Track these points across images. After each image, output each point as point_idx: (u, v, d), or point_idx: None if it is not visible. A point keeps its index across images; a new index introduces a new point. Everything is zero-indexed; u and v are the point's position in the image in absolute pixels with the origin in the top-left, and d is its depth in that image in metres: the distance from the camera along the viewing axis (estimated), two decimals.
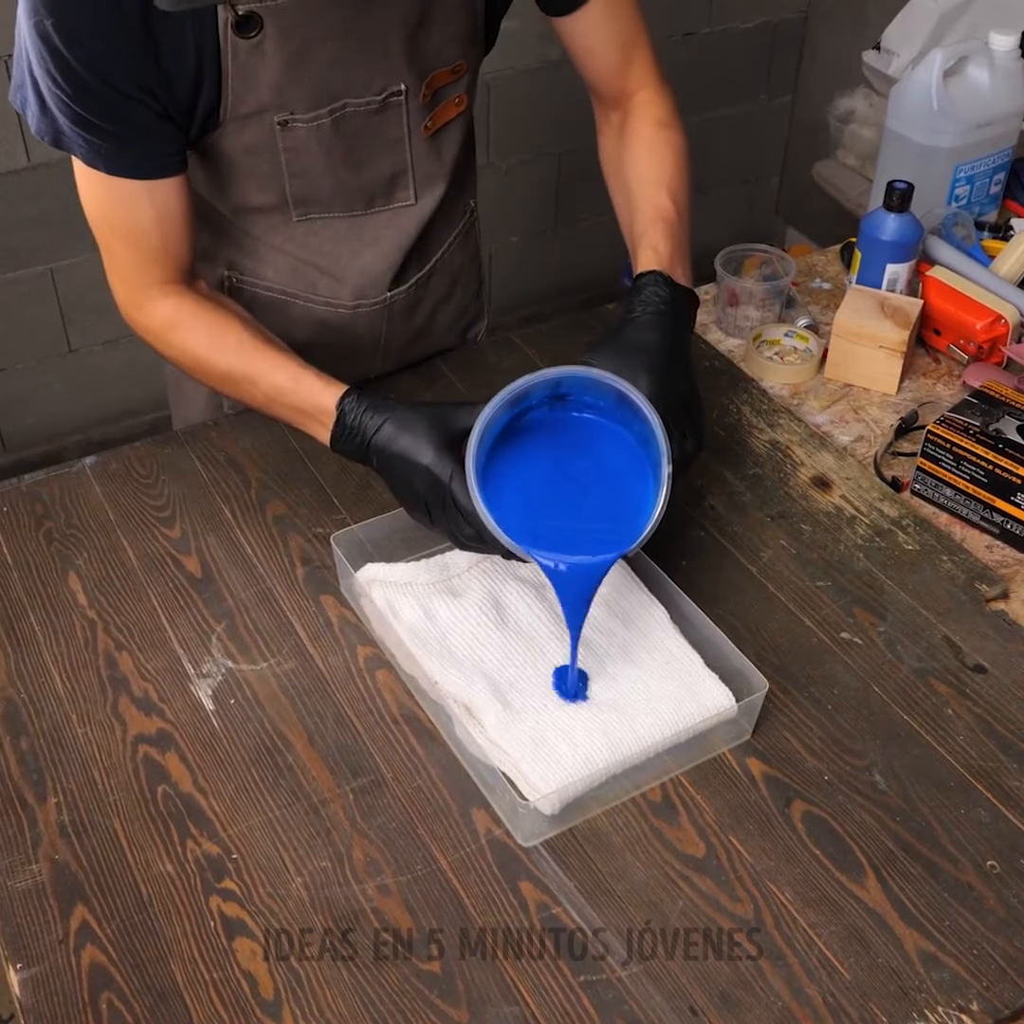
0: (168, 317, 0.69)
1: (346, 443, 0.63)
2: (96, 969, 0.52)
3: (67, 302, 1.52)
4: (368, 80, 0.67)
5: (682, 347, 0.64)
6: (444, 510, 0.59)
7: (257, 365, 0.66)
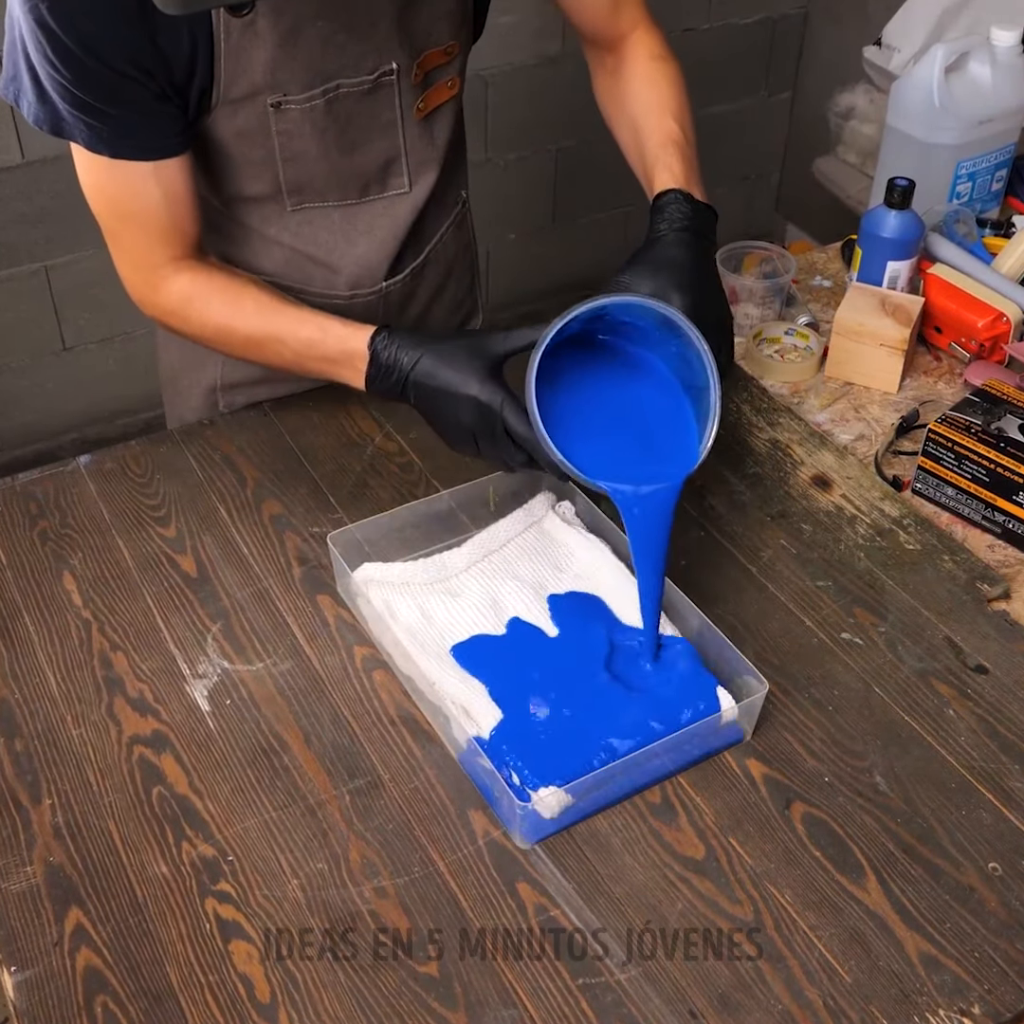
0: (184, 292, 0.68)
1: (382, 383, 0.62)
2: (91, 972, 0.52)
3: (61, 300, 1.52)
4: (360, 59, 0.67)
5: (710, 262, 0.65)
6: (494, 438, 0.59)
7: (280, 323, 0.66)
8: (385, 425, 0.81)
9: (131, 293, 0.71)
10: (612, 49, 0.76)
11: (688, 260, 0.62)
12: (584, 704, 0.60)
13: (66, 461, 0.79)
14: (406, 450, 0.79)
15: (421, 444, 0.79)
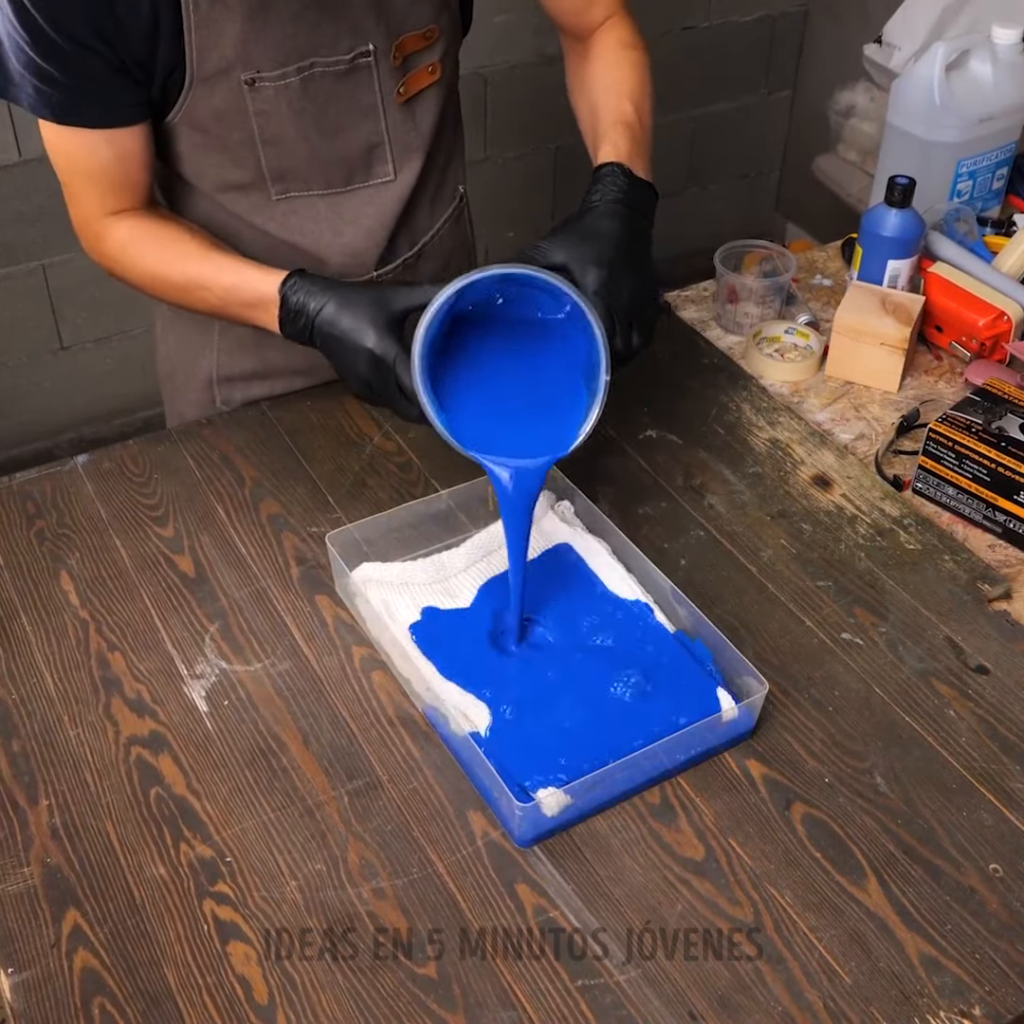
0: (121, 239, 0.70)
1: (292, 326, 0.64)
2: (88, 973, 0.51)
3: (59, 299, 1.51)
4: (334, 38, 0.67)
5: (638, 238, 0.63)
6: (388, 391, 0.60)
7: (204, 269, 0.68)
8: (384, 425, 0.81)
9: (82, 243, 0.72)
10: (585, 38, 0.77)
11: (610, 232, 0.61)
12: (584, 704, 0.60)
13: (63, 460, 0.78)
14: (405, 450, 0.79)
15: (420, 444, 0.78)
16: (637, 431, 0.80)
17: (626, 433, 0.80)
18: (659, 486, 0.76)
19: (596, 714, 0.59)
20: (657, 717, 0.59)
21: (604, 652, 0.63)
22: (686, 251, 1.80)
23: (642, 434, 0.80)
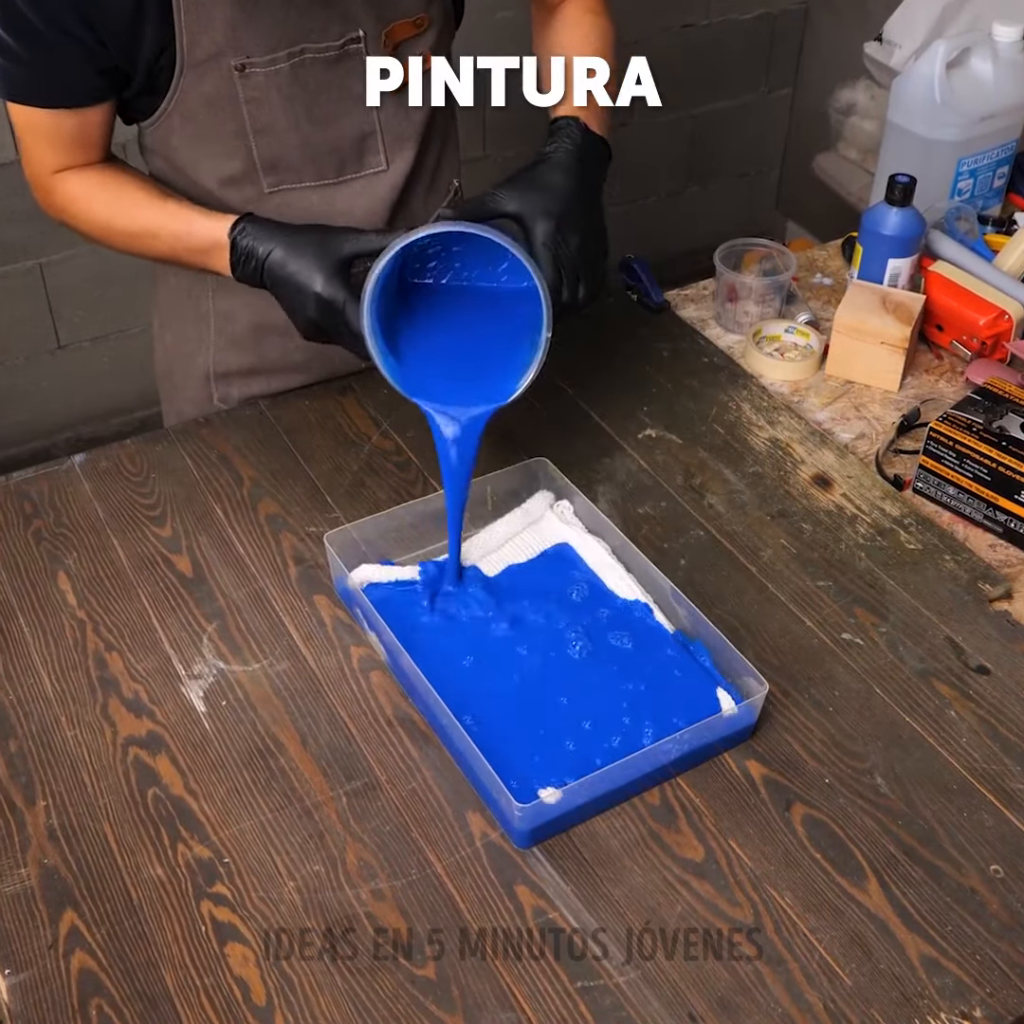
0: (72, 191, 0.70)
1: (243, 270, 0.64)
2: (86, 975, 0.51)
3: (56, 297, 1.51)
4: (324, 23, 0.67)
5: (589, 191, 0.64)
6: (337, 331, 0.61)
7: (154, 217, 0.68)
8: (382, 424, 0.80)
9: (35, 196, 0.73)
10: (553, 6, 0.77)
11: (561, 185, 0.62)
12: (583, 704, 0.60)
13: (61, 460, 0.78)
14: (403, 449, 0.79)
15: (418, 443, 0.78)
16: (636, 430, 0.80)
17: (625, 432, 0.80)
18: (659, 486, 0.76)
19: (595, 714, 0.59)
20: (657, 717, 0.59)
21: (604, 652, 0.63)
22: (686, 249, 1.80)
23: (641, 433, 0.80)
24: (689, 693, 0.60)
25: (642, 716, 0.59)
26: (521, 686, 0.61)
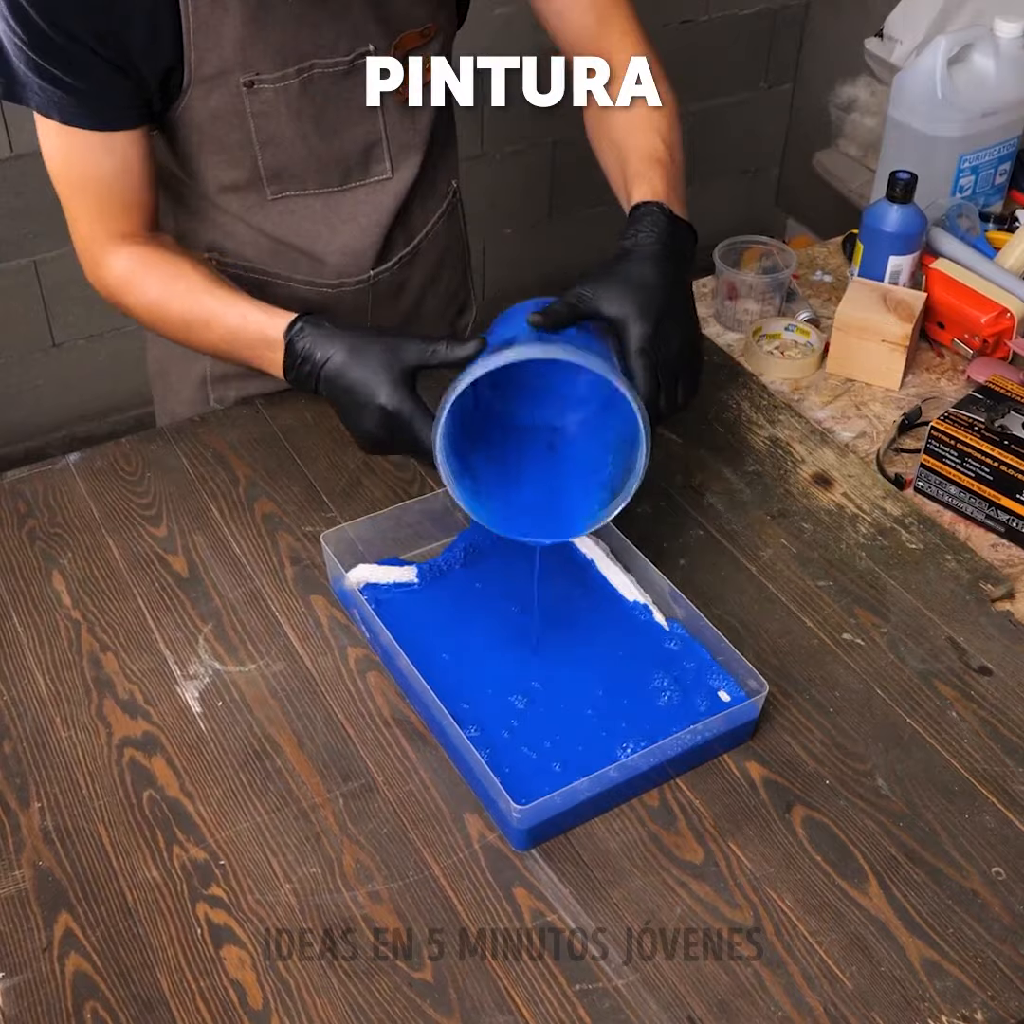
0: (124, 268, 0.68)
1: (297, 373, 0.61)
2: (80, 978, 0.51)
3: (51, 295, 1.50)
4: (334, 39, 0.66)
5: (680, 285, 0.60)
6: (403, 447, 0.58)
7: (208, 306, 0.65)
8: None
9: (83, 269, 0.71)
10: None
11: (655, 281, 0.57)
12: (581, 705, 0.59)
13: (55, 459, 0.78)
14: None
15: None
16: None
17: None
18: (658, 485, 0.75)
19: (594, 715, 0.59)
20: (656, 718, 0.58)
21: (602, 653, 0.62)
22: None
23: None
24: (689, 694, 0.60)
25: (641, 717, 0.59)
26: (520, 687, 0.61)
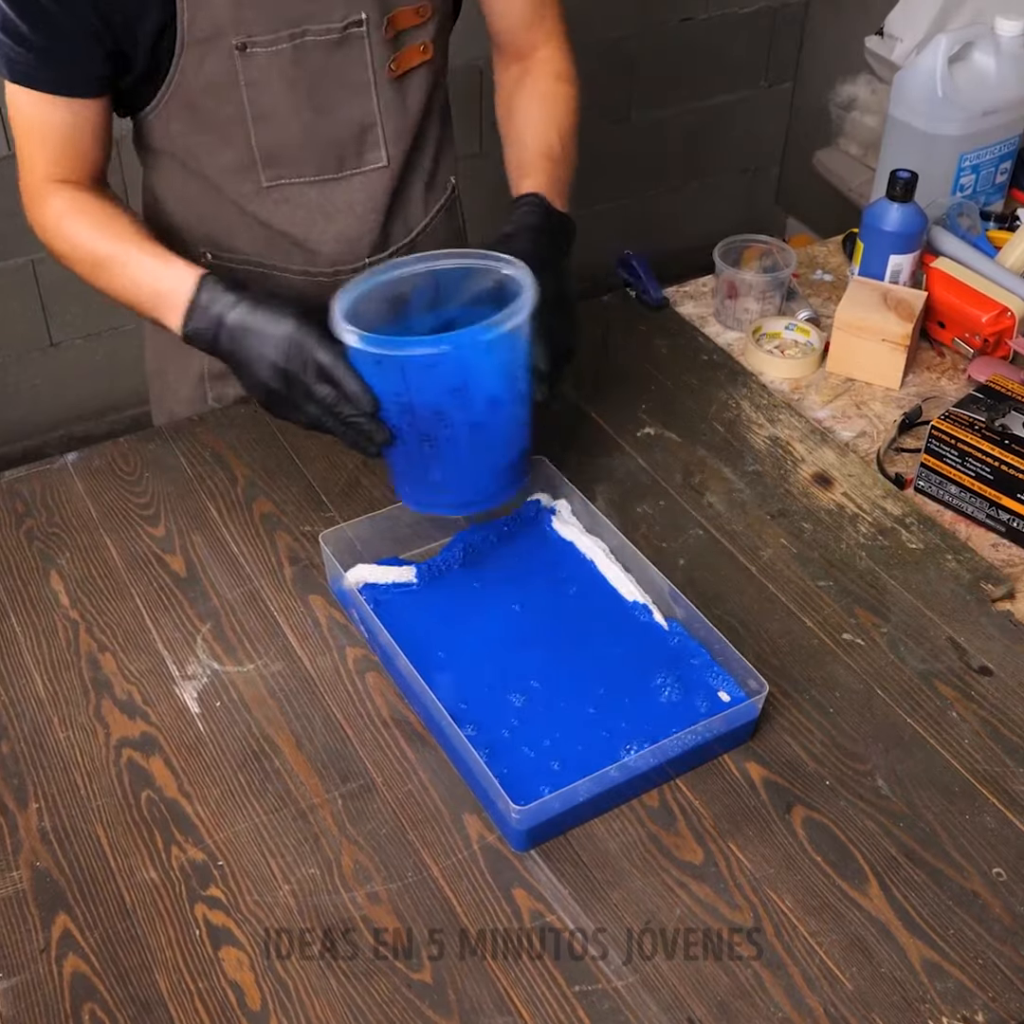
0: (60, 208, 0.69)
1: (198, 320, 0.62)
2: (78, 979, 0.51)
3: (49, 294, 1.50)
4: (327, 5, 0.67)
5: (554, 269, 0.64)
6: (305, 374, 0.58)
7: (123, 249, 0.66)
8: None
9: (25, 209, 0.71)
10: (520, 59, 0.77)
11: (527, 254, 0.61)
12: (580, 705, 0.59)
13: (53, 458, 0.77)
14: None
15: None
16: (635, 428, 0.80)
17: (624, 431, 0.79)
18: (657, 485, 0.75)
19: (593, 715, 0.59)
20: (655, 719, 0.58)
21: (601, 653, 0.62)
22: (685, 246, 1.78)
23: (640, 432, 0.80)
24: (689, 694, 0.59)
25: (641, 717, 0.58)
26: (519, 686, 0.61)
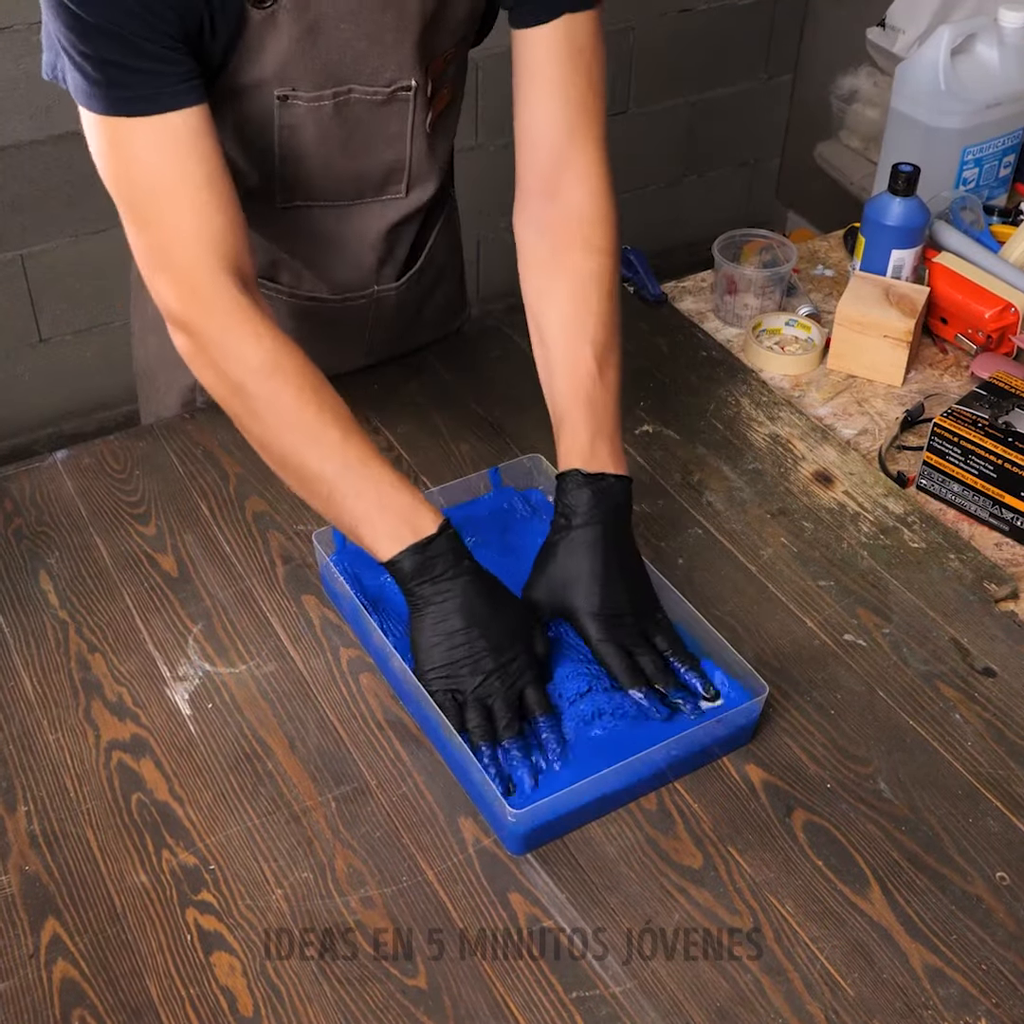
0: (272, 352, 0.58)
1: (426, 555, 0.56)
2: (68, 985, 0.50)
3: (37, 290, 1.48)
4: (378, 68, 0.64)
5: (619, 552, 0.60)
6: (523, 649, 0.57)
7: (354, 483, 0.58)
8: (373, 420, 0.79)
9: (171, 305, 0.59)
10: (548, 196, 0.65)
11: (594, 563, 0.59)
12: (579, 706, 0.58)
13: (42, 456, 0.77)
14: (394, 445, 0.77)
15: (409, 439, 0.77)
16: (633, 426, 0.79)
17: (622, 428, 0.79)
18: (656, 483, 0.74)
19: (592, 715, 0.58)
20: (654, 721, 0.57)
21: None
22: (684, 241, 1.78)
23: (638, 429, 0.79)
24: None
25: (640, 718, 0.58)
26: None
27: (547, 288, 0.65)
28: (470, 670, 0.56)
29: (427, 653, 0.57)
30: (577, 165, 0.65)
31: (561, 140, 0.64)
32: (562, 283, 0.65)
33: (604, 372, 0.63)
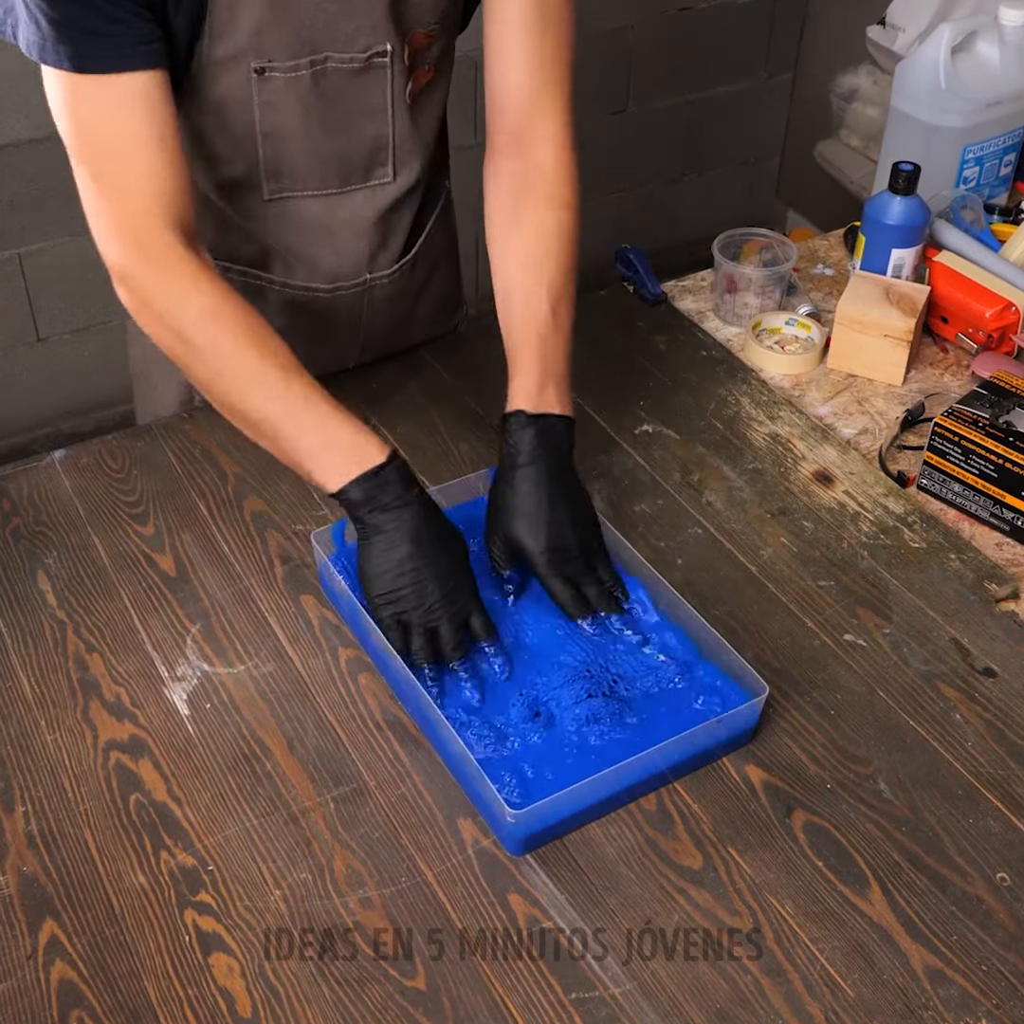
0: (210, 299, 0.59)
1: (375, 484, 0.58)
2: (66, 986, 0.50)
3: (35, 289, 1.47)
4: (352, 34, 0.64)
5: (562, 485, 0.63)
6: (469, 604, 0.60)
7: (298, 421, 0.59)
8: (371, 419, 0.78)
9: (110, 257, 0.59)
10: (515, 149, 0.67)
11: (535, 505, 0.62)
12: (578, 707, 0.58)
13: (40, 456, 0.77)
14: (393, 445, 0.77)
15: (408, 439, 0.77)
16: (633, 426, 0.79)
17: (621, 428, 0.79)
18: (656, 483, 0.74)
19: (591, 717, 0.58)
20: (654, 721, 0.57)
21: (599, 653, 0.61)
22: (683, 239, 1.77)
23: (638, 429, 0.79)
24: (687, 695, 0.59)
25: (639, 719, 0.58)
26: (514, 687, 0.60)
27: (510, 234, 0.68)
28: (417, 596, 0.58)
29: (375, 580, 0.59)
30: (543, 125, 0.67)
31: (529, 101, 0.67)
32: (525, 230, 0.68)
33: (557, 313, 0.66)
